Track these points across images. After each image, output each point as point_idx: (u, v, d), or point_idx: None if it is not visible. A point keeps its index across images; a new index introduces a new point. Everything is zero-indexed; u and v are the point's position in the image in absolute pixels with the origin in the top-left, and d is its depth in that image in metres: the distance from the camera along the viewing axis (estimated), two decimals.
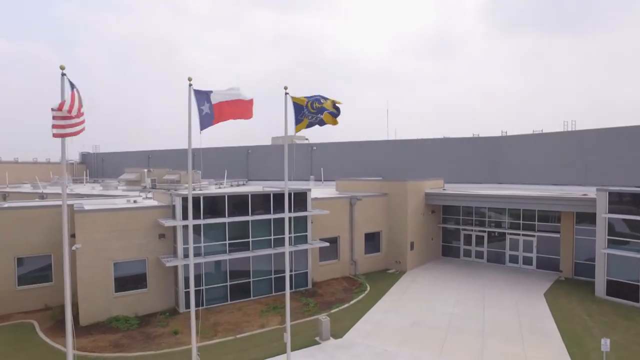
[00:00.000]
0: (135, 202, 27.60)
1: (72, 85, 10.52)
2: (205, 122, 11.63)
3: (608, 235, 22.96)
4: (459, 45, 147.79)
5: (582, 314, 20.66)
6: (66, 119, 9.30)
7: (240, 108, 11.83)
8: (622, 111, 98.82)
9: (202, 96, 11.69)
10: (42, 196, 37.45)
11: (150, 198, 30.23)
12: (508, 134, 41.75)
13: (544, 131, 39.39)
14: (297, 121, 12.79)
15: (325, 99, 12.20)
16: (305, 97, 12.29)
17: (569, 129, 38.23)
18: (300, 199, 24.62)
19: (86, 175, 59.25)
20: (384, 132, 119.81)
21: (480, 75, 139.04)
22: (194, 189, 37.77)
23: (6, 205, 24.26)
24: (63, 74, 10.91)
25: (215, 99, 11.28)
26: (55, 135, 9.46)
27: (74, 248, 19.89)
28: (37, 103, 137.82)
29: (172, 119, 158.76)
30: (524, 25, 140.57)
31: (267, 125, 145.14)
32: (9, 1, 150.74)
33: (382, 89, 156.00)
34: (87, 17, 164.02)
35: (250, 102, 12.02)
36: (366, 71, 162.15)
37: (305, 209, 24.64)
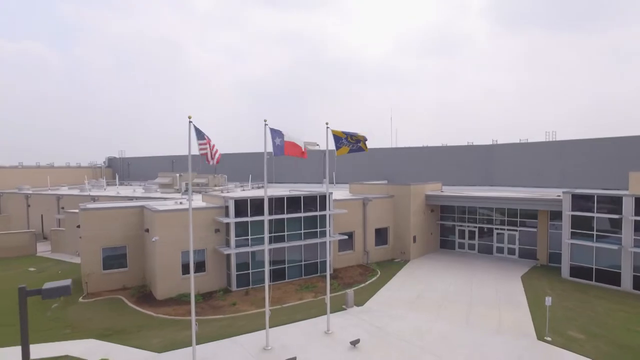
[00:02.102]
0: (181, 203, 33.34)
1: (200, 131, 16.40)
2: (278, 151, 17.38)
3: (571, 228, 28.71)
4: (462, 43, 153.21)
5: (548, 290, 26.39)
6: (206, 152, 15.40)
7: (298, 150, 17.58)
8: (623, 110, 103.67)
9: (275, 133, 17.43)
10: (94, 198, 43.30)
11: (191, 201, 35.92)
12: (499, 142, 47.44)
13: (529, 140, 45.11)
14: (337, 147, 18.55)
15: (356, 134, 17.97)
16: (342, 131, 18.04)
17: (550, 139, 43.94)
18: (324, 201, 30.34)
19: (117, 179, 64.97)
20: (386, 131, 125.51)
21: (482, 73, 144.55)
22: (222, 192, 43.48)
23: (90, 206, 30.04)
24: (190, 122, 16.75)
25: (287, 138, 17.00)
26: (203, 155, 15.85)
27: (153, 240, 25.77)
28: (36, 103, 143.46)
29: (177, 120, 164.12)
30: (527, 24, 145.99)
31: (274, 125, 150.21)
32: (10, 1, 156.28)
33: (384, 87, 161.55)
34: (88, 17, 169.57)
35: (299, 146, 17.80)
36: (368, 70, 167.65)
37: (329, 208, 30.30)
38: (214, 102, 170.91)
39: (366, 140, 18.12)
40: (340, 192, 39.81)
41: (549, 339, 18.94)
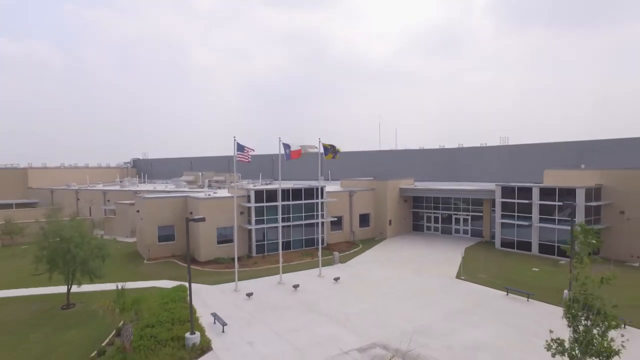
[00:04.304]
0: (209, 195, 43.56)
1: (240, 145, 26.65)
2: (287, 157, 27.76)
3: (501, 211, 38.92)
4: (465, 43, 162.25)
5: (479, 255, 36.63)
6: (243, 157, 25.67)
7: (298, 153, 27.93)
8: (630, 109, 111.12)
9: (285, 145, 27.80)
10: (136, 192, 53.59)
11: (216, 193, 46.19)
12: (464, 146, 57.63)
13: (487, 144, 55.31)
14: (326, 154, 28.92)
15: (334, 146, 28.38)
16: (329, 144, 28.42)
17: (504, 144, 54.18)
18: (319, 192, 40.54)
19: (145, 178, 75.34)
20: (386, 129, 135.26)
21: (485, 72, 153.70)
22: (237, 187, 53.42)
23: (147, 195, 40.43)
24: (234, 139, 27.04)
25: (292, 147, 27.36)
26: (241, 161, 25.92)
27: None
28: (39, 104, 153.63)
29: (181, 120, 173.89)
30: (531, 23, 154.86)
31: (276, 127, 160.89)
32: (13, 1, 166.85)
33: (386, 86, 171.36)
34: (90, 17, 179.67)
35: (299, 150, 28.12)
36: (371, 68, 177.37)
37: (322, 197, 40.64)
38: (216, 101, 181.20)
39: (338, 152, 28.68)
40: (333, 187, 50.08)
41: (463, 277, 29.26)
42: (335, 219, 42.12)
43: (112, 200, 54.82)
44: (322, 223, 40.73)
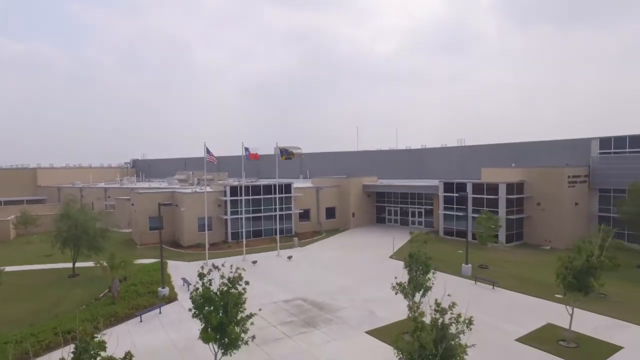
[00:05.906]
0: (196, 191, 50.25)
1: (207, 149, 33.38)
2: (247, 158, 34.41)
3: (443, 204, 45.28)
4: (470, 41, 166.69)
5: (422, 242, 42.93)
6: (211, 159, 32.40)
7: (256, 156, 34.61)
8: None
9: (245, 149, 34.46)
10: (132, 189, 60.32)
11: (202, 190, 52.85)
12: (427, 147, 63.94)
13: (447, 145, 61.59)
14: (282, 155, 35.56)
15: (290, 151, 34.91)
16: (284, 147, 35.04)
17: (462, 145, 60.44)
18: (288, 188, 47.18)
19: (143, 177, 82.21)
20: (385, 128, 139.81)
21: (489, 71, 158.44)
22: (219, 184, 59.88)
23: (141, 191, 47.24)
24: (205, 144, 33.77)
25: (252, 151, 34.01)
26: (209, 162, 32.67)
27: (182, 209, 42.79)
28: (41, 104, 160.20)
29: (183, 120, 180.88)
30: (534, 21, 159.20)
31: (275, 127, 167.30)
32: (16, 2, 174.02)
33: (389, 86, 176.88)
34: (90, 17, 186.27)
35: (257, 155, 34.84)
36: (371, 69, 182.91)
37: (290, 192, 47.22)
38: (217, 101, 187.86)
39: (293, 155, 35.19)
40: (305, 183, 56.62)
41: (394, 257, 35.72)
42: (302, 211, 48.69)
43: (112, 197, 61.70)
44: (291, 214, 47.39)
